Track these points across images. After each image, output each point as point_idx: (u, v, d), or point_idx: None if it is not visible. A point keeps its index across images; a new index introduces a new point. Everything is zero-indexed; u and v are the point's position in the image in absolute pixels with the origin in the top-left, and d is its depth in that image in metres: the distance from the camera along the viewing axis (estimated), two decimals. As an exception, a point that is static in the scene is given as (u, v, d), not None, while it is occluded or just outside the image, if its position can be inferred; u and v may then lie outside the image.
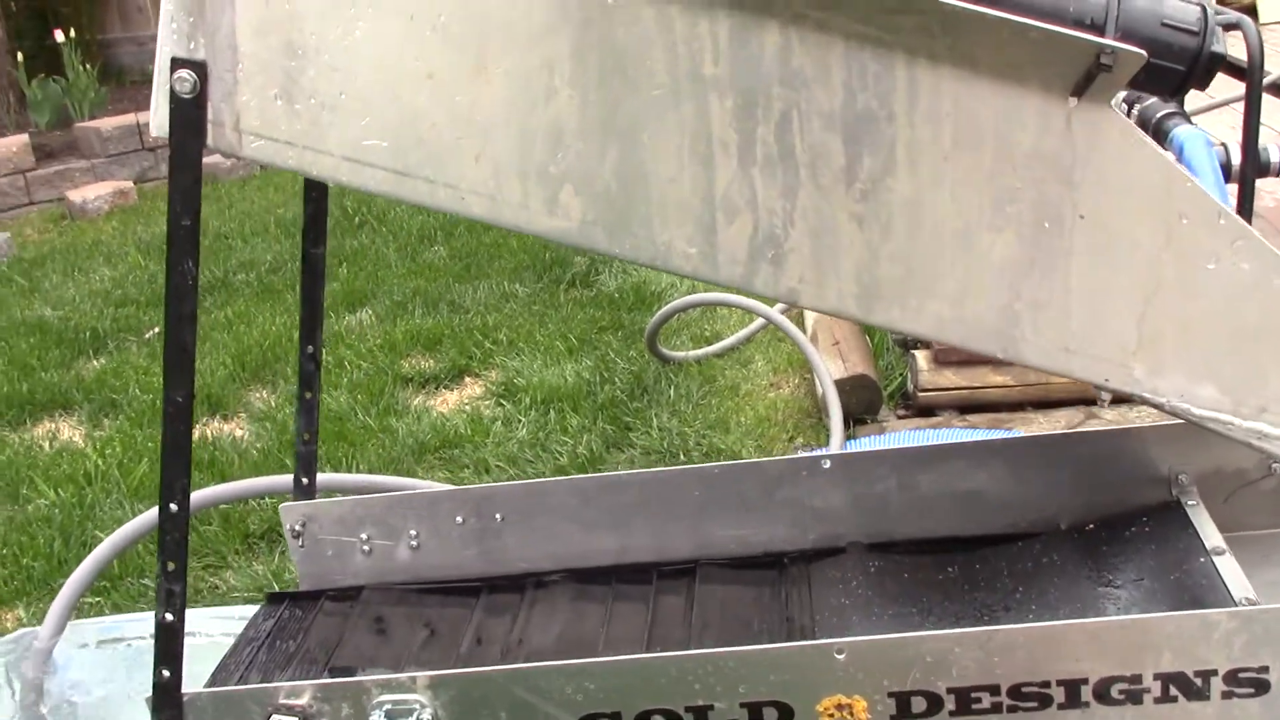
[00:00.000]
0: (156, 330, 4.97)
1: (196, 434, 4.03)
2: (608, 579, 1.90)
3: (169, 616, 1.47)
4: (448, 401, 4.14)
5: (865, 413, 3.65)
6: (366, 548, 1.96)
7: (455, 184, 1.31)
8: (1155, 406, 1.35)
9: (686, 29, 1.24)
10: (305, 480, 1.96)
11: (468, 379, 4.30)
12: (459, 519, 1.94)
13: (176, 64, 1.28)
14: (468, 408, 4.02)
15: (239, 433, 4.01)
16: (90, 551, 2.47)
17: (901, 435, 3.41)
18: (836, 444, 3.40)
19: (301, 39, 1.27)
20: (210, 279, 5.59)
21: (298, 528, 1.95)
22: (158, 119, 1.31)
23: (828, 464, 1.87)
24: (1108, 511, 1.81)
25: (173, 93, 1.29)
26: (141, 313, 5.15)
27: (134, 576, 3.14)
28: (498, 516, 1.93)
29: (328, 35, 1.27)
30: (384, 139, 1.30)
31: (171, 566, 1.46)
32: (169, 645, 1.48)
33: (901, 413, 3.71)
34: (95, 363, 4.72)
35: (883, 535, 1.88)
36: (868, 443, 3.40)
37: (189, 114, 1.30)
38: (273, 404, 4.21)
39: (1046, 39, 1.18)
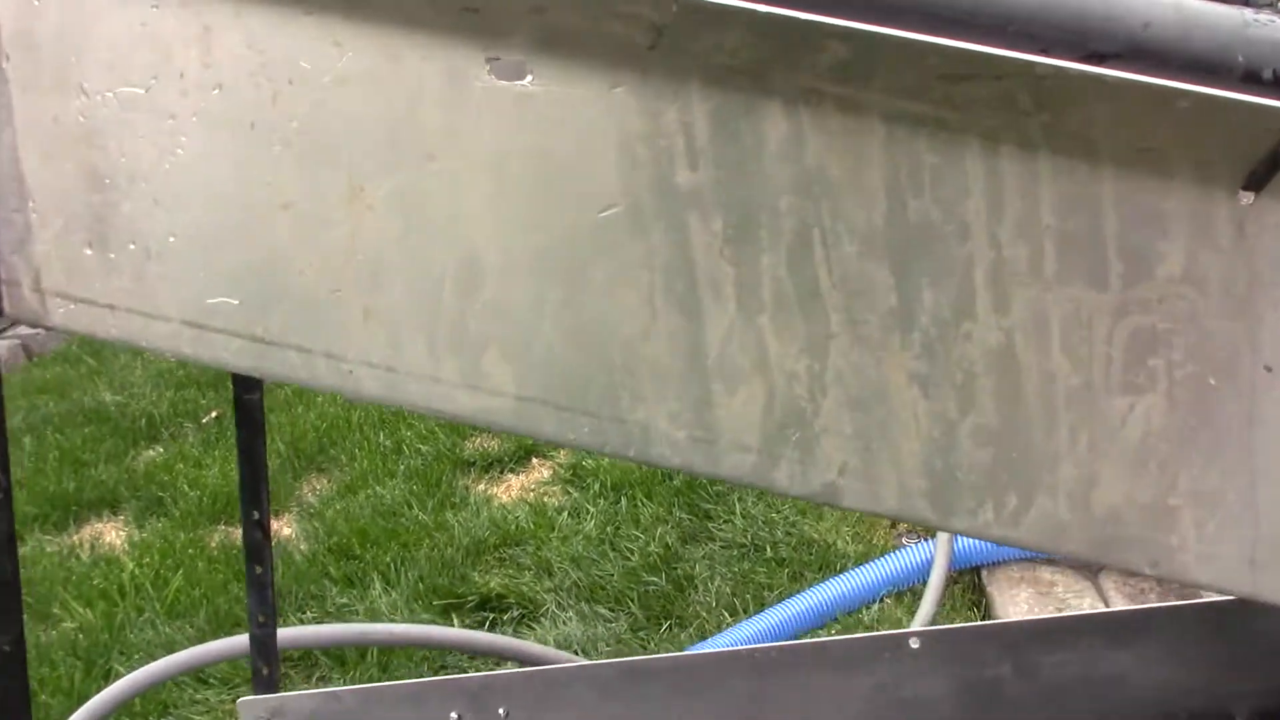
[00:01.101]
0: (215, 414, 4.70)
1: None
2: None
3: None
4: (511, 489, 3.77)
5: (978, 493, 3.17)
6: (346, 749, 1.58)
7: (339, 353, 0.92)
8: (1393, 638, 0.90)
9: (646, 121, 0.83)
10: (265, 670, 1.59)
11: (534, 460, 3.93)
12: (454, 715, 1.55)
13: (-53, 205, 0.92)
14: (531, 496, 3.64)
15: (286, 531, 3.69)
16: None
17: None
18: (945, 535, 2.95)
19: (108, 164, 0.90)
20: (277, 352, 5.33)
21: (259, 729, 1.58)
22: (-67, 280, 0.95)
23: (916, 643, 1.43)
24: (1298, 701, 1.35)
25: (-55, 245, 0.93)
26: (201, 394, 4.89)
27: (156, 715, 2.84)
28: (501, 712, 1.54)
29: (142, 157, 0.89)
30: (234, 295, 0.91)
31: None
32: None
33: (1021, 491, 3.22)
34: (149, 452, 4.46)
35: None
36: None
37: (-29, 272, 0.94)
38: (324, 494, 3.89)
39: (1204, 108, 0.75)
